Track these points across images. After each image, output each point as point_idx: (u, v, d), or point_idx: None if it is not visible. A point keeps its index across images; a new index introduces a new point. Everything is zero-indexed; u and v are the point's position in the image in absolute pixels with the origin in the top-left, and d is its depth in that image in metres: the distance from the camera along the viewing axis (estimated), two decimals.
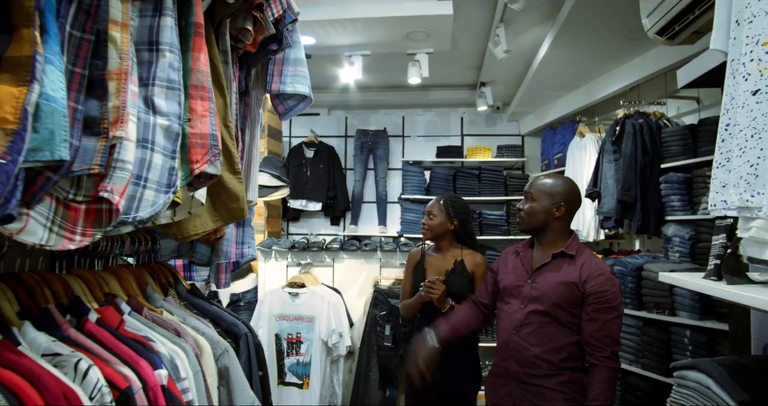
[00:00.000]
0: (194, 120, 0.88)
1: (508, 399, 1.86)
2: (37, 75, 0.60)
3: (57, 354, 0.76)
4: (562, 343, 1.79)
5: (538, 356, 1.81)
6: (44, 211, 0.68)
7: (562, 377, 1.78)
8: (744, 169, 0.91)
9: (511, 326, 1.89)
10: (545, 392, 1.79)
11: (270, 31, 1.12)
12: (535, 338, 1.82)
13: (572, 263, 1.82)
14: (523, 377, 1.83)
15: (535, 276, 1.87)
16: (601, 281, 1.75)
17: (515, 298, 1.91)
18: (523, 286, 1.89)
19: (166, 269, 1.24)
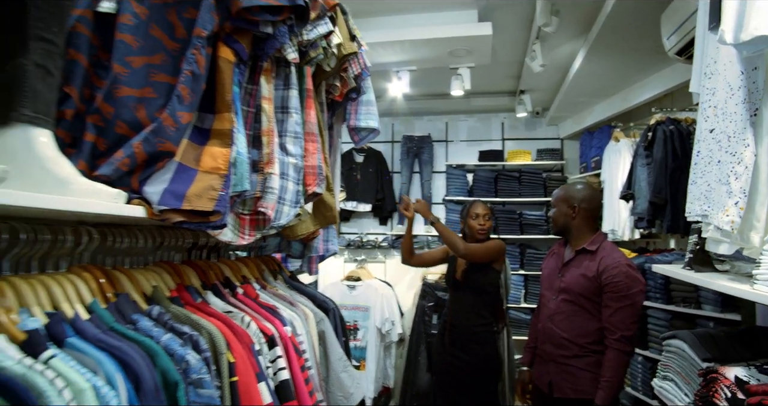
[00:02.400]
0: (308, 156, 1.29)
1: (546, 376, 2.17)
2: (234, 140, 1.02)
3: (229, 312, 1.18)
4: (588, 328, 2.06)
5: (567, 339, 2.10)
6: (230, 221, 1.09)
7: (590, 359, 2.05)
8: (704, 188, 1.25)
9: (547, 315, 2.20)
10: (575, 371, 2.07)
11: (351, 85, 1.52)
12: (566, 324, 2.11)
13: (593, 258, 2.09)
14: (557, 357, 2.12)
15: (564, 270, 2.17)
16: (615, 273, 2.00)
17: (549, 290, 2.23)
18: (555, 279, 2.20)
19: (272, 260, 1.66)
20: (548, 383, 2.14)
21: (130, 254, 1.10)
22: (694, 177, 1.31)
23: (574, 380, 2.05)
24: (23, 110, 0.85)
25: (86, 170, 0.94)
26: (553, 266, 2.26)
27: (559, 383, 2.09)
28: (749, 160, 1.04)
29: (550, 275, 2.26)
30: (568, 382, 2.06)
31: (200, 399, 0.85)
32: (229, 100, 1.02)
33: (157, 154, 0.95)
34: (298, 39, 1.19)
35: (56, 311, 0.81)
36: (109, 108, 0.98)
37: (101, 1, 1.04)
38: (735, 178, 1.06)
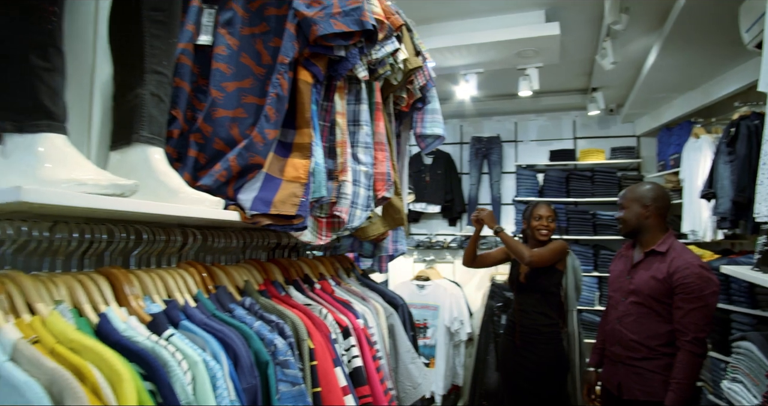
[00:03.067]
0: (377, 164, 1.40)
1: (615, 378, 2.17)
2: (313, 152, 1.15)
3: (309, 304, 1.32)
4: (658, 331, 2.03)
5: (637, 341, 2.08)
6: (310, 223, 1.23)
7: (660, 361, 2.03)
8: None
9: (616, 317, 2.19)
10: (645, 373, 2.05)
11: (417, 96, 1.63)
12: (635, 326, 2.10)
13: (663, 260, 2.06)
14: (626, 360, 2.11)
15: (633, 273, 2.16)
16: (687, 274, 1.96)
17: (618, 292, 2.22)
18: (623, 281, 2.19)
19: (346, 259, 1.80)
20: (617, 385, 2.13)
21: (225, 253, 1.27)
22: (762, 177, 1.31)
23: (643, 383, 2.04)
24: (142, 132, 1.02)
25: (190, 181, 1.11)
26: (622, 268, 2.25)
27: (628, 385, 2.08)
28: None
29: (618, 277, 2.25)
30: (638, 384, 2.05)
31: (286, 378, 0.99)
32: (308, 117, 1.16)
33: (248, 167, 1.10)
34: (367, 58, 1.31)
35: (171, 299, 0.98)
36: (208, 127, 1.15)
37: (200, 35, 1.21)
38: None
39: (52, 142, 0.81)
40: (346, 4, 1.16)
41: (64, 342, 0.69)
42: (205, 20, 1.22)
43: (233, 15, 1.21)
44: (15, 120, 0.80)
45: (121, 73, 1.06)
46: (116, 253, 0.95)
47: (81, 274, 0.85)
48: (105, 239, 0.90)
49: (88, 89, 1.14)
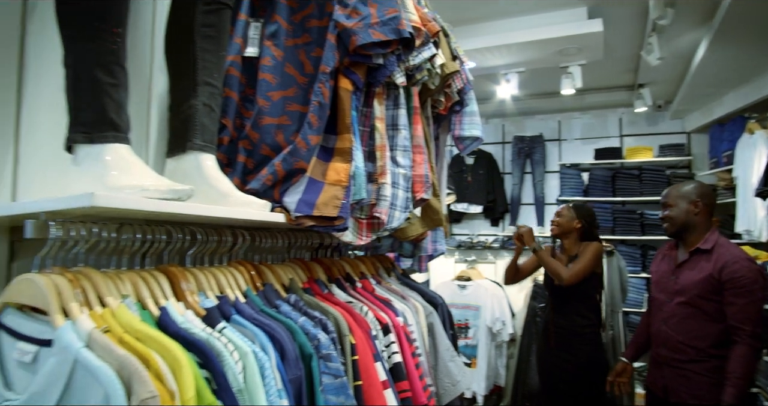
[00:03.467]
0: (415, 167, 1.45)
1: (660, 381, 2.15)
2: (353, 157, 1.21)
3: (350, 302, 1.37)
4: (707, 331, 2.00)
5: (684, 343, 2.04)
6: (351, 224, 1.29)
7: (708, 364, 1.99)
8: None
9: (661, 318, 2.15)
10: (693, 375, 2.02)
11: (455, 99, 1.66)
12: (682, 327, 2.06)
13: (709, 258, 2.03)
14: (672, 362, 2.08)
15: (678, 272, 2.13)
16: (736, 269, 1.94)
17: (662, 293, 2.18)
18: (668, 282, 2.16)
19: (386, 258, 1.85)
20: (663, 388, 2.11)
21: (272, 252, 1.34)
22: None
23: (691, 385, 2.02)
24: (195, 140, 1.10)
25: (239, 185, 1.18)
26: (666, 269, 2.22)
27: (675, 387, 2.06)
28: None
29: (662, 278, 2.22)
30: (685, 386, 2.03)
31: (329, 370, 1.04)
32: (349, 123, 1.21)
33: (293, 171, 1.17)
34: (405, 65, 1.35)
35: (223, 295, 1.05)
36: (255, 134, 1.22)
37: (247, 47, 1.29)
38: None
39: (117, 152, 0.89)
40: (384, 14, 1.20)
41: (131, 332, 0.77)
42: (251, 33, 1.29)
43: (278, 27, 1.28)
44: (85, 132, 0.89)
45: (175, 85, 1.15)
46: (174, 252, 1.03)
47: (143, 271, 0.93)
48: (164, 239, 0.98)
49: (146, 101, 1.23)
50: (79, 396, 0.68)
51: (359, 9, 1.20)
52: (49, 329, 0.74)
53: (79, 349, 0.70)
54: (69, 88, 0.91)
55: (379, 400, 1.16)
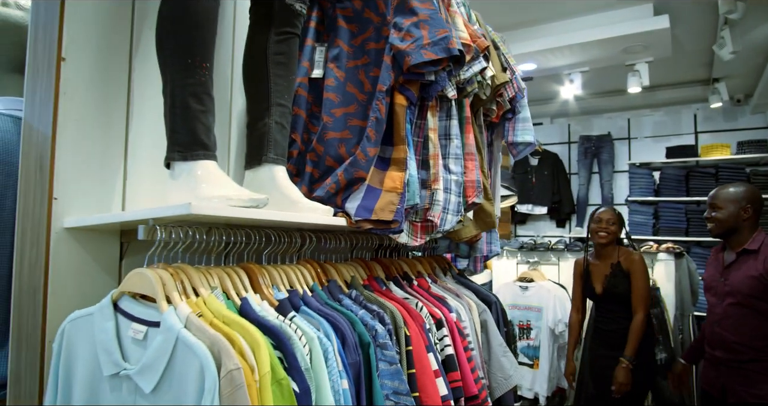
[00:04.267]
0: (467, 173, 1.55)
1: (718, 381, 2.18)
2: (408, 166, 1.33)
3: (406, 298, 1.50)
4: (764, 330, 2.02)
5: (740, 344, 2.07)
6: (406, 227, 1.41)
7: (765, 363, 2.01)
8: None
9: (713, 320, 2.19)
10: (753, 375, 2.03)
11: (507, 107, 1.75)
12: (736, 328, 2.09)
13: (756, 257, 2.07)
14: (730, 363, 2.11)
15: (726, 274, 2.17)
16: None
17: (713, 295, 2.23)
18: (717, 284, 2.20)
19: (443, 259, 1.96)
20: (721, 388, 2.14)
21: (335, 252, 1.49)
22: None
23: (751, 385, 2.03)
24: (269, 154, 1.26)
25: (306, 193, 1.34)
26: (714, 271, 2.26)
27: (734, 387, 2.08)
28: None
29: (712, 281, 2.26)
30: (745, 386, 2.04)
31: (385, 358, 1.17)
32: (403, 135, 1.34)
33: (353, 180, 1.31)
34: (456, 79, 1.46)
35: (293, 289, 1.20)
36: (320, 147, 1.37)
37: (313, 69, 1.44)
38: None
39: (206, 168, 1.06)
40: (435, 35, 1.32)
41: (219, 317, 0.93)
42: (317, 57, 1.45)
43: (340, 51, 1.43)
44: (180, 151, 1.07)
45: (252, 106, 1.32)
46: (252, 251, 1.20)
47: (227, 267, 1.10)
48: (244, 240, 1.15)
49: (227, 120, 1.42)
50: (180, 366, 0.85)
51: (412, 32, 1.32)
52: (156, 313, 0.92)
53: (180, 329, 0.87)
54: (167, 114, 1.09)
55: (430, 387, 1.27)
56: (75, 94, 1.11)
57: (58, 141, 1.09)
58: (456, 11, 1.48)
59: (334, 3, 1.48)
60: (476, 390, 1.46)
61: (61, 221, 1.08)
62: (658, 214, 5.22)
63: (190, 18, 1.08)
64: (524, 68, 4.22)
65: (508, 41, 4.03)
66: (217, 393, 0.81)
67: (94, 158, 1.14)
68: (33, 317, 1.07)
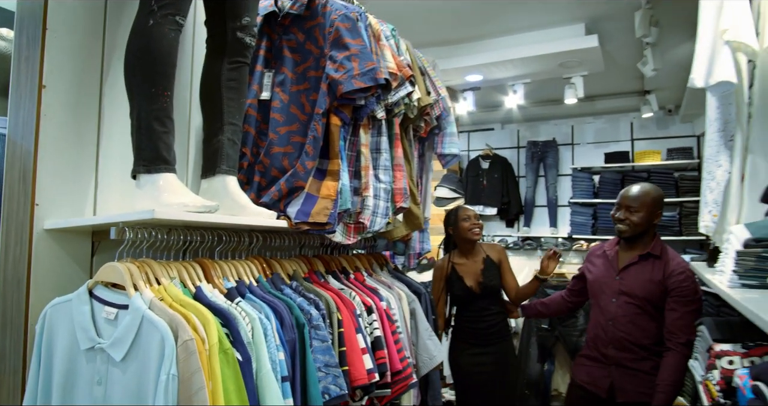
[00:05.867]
0: (396, 181, 1.81)
1: (605, 380, 2.15)
2: (341, 176, 1.58)
3: (342, 289, 1.75)
4: (651, 330, 2.07)
5: (632, 342, 2.09)
6: (340, 228, 1.66)
7: (653, 362, 2.06)
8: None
9: (606, 318, 2.17)
10: (641, 375, 2.07)
11: (433, 124, 2.02)
12: (630, 326, 2.10)
13: (658, 263, 2.09)
14: (622, 361, 2.12)
15: (623, 273, 2.15)
16: (682, 279, 2.02)
17: (605, 293, 2.20)
18: (611, 282, 2.19)
19: (381, 256, 2.22)
20: (609, 388, 2.13)
21: (280, 250, 1.72)
22: (704, 190, 1.59)
23: (639, 384, 2.07)
24: (222, 166, 1.49)
25: (254, 199, 1.57)
26: (607, 267, 2.23)
27: (623, 386, 2.10)
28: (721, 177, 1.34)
29: (604, 277, 2.23)
30: (633, 385, 2.08)
31: (318, 336, 1.42)
32: (338, 150, 1.59)
33: (294, 189, 1.55)
34: (384, 102, 1.72)
35: (240, 280, 1.44)
36: (267, 160, 1.61)
37: (262, 92, 1.68)
38: (710, 191, 1.35)
39: (167, 179, 1.28)
40: (364, 67, 1.57)
41: (177, 301, 1.16)
42: (265, 81, 1.68)
43: (285, 77, 1.67)
44: (145, 165, 1.29)
45: (207, 124, 1.54)
46: (205, 249, 1.43)
47: (185, 262, 1.33)
48: (199, 240, 1.38)
49: (186, 135, 1.64)
50: (145, 339, 1.07)
51: (345, 64, 1.57)
52: (125, 298, 1.14)
53: (145, 310, 1.09)
54: (134, 134, 1.31)
55: (358, 362, 1.53)
56: (54, 116, 1.32)
57: (39, 155, 1.29)
58: (385, 45, 1.74)
59: (280, 35, 1.72)
60: (401, 367, 1.72)
61: (42, 223, 1.29)
62: (596, 215, 5.62)
63: (154, 53, 1.30)
64: (472, 79, 4.53)
65: (457, 54, 4.33)
66: (174, 358, 1.04)
67: (70, 170, 1.35)
68: (17, 305, 1.27)
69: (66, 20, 1.36)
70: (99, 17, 1.44)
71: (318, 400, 1.35)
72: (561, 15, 3.82)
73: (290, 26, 1.70)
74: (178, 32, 1.33)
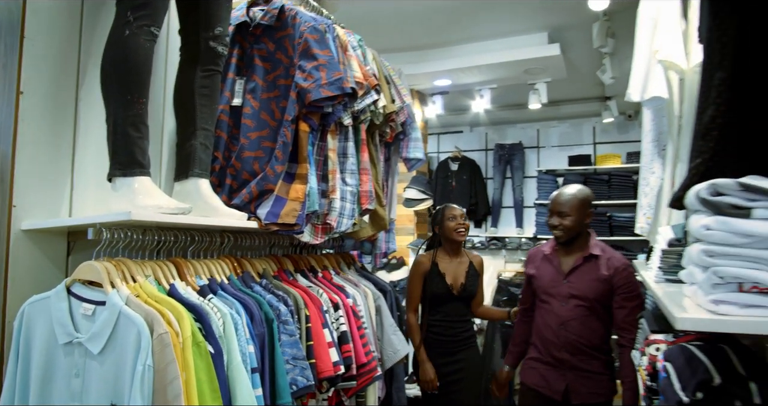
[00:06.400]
0: (362, 184, 1.91)
1: (560, 384, 2.15)
2: (309, 180, 1.67)
3: (310, 286, 1.83)
4: (600, 331, 2.12)
5: (585, 345, 2.12)
6: (308, 229, 1.75)
7: (603, 362, 2.13)
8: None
9: (558, 323, 2.16)
10: (595, 376, 2.12)
11: (398, 130, 2.13)
12: (581, 329, 2.12)
13: (600, 262, 2.13)
14: (576, 363, 2.13)
15: (570, 277, 2.17)
16: (626, 275, 2.08)
17: (554, 296, 2.19)
18: (559, 286, 2.18)
19: (349, 255, 2.31)
20: (563, 391, 2.14)
21: (251, 250, 1.80)
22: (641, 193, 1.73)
23: (593, 385, 2.11)
24: (195, 169, 1.56)
25: (226, 201, 1.65)
26: (553, 271, 2.23)
27: (578, 389, 2.12)
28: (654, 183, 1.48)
29: (552, 281, 2.22)
30: (587, 387, 2.11)
31: (286, 331, 1.51)
32: (306, 155, 1.68)
33: (264, 191, 1.63)
34: (351, 109, 1.81)
35: (212, 278, 1.51)
36: (238, 164, 1.69)
37: (234, 98, 1.75)
38: (644, 196, 1.49)
39: (142, 182, 1.35)
40: (331, 77, 1.66)
41: (152, 297, 1.23)
42: (237, 88, 1.76)
43: (256, 85, 1.75)
44: (121, 169, 1.35)
45: (181, 130, 1.61)
46: (179, 249, 1.50)
47: (159, 261, 1.40)
48: (172, 240, 1.45)
49: (159, 139, 1.70)
50: (122, 332, 1.15)
51: (313, 73, 1.66)
52: (102, 295, 1.21)
53: (122, 305, 1.16)
54: (110, 139, 1.37)
55: (324, 355, 1.62)
56: (31, 121, 1.37)
57: (17, 159, 1.35)
58: (352, 55, 1.83)
59: (251, 44, 1.80)
60: (366, 360, 1.82)
61: (20, 224, 1.34)
62: None
63: (130, 63, 1.36)
64: (440, 84, 4.66)
65: (427, 59, 4.45)
66: (150, 350, 1.11)
67: (46, 173, 1.41)
68: None
69: (43, 29, 1.41)
70: (75, 26, 1.49)
71: (286, 390, 1.44)
72: (525, 24, 3.98)
73: (261, 36, 1.78)
74: (153, 42, 1.40)
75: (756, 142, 0.82)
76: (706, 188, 0.77)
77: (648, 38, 1.49)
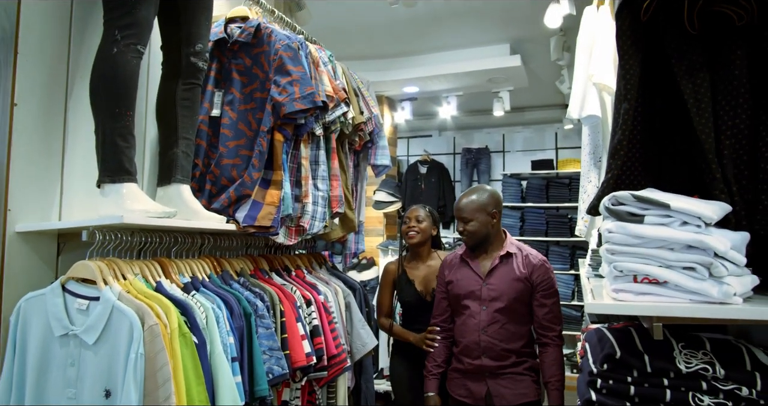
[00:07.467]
0: (333, 190, 2.06)
1: (480, 391, 2.11)
2: (283, 186, 1.82)
3: (284, 284, 1.98)
4: (521, 333, 2.10)
5: (506, 349, 2.07)
6: (282, 231, 1.90)
7: (526, 364, 2.11)
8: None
9: (478, 327, 2.09)
10: (516, 377, 2.09)
11: (366, 139, 2.29)
12: (502, 333, 2.08)
13: (516, 260, 2.12)
14: (496, 369, 2.08)
15: (489, 279, 2.12)
16: (544, 271, 2.09)
17: (473, 301, 2.13)
18: (478, 290, 2.13)
19: (321, 255, 2.46)
20: (486, 397, 2.11)
21: (229, 250, 1.94)
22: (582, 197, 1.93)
23: (515, 387, 2.09)
24: (177, 176, 1.69)
25: (206, 205, 1.78)
26: (471, 276, 2.18)
27: (500, 393, 2.08)
28: (591, 190, 1.67)
29: (471, 286, 2.16)
30: (509, 389, 2.08)
31: (263, 325, 1.65)
32: (280, 163, 1.82)
33: (242, 196, 1.77)
34: (322, 120, 1.96)
35: (194, 276, 1.64)
36: (217, 170, 1.82)
37: (213, 109, 1.89)
38: (582, 202, 1.69)
39: (129, 188, 1.48)
40: (304, 91, 1.81)
41: (141, 293, 1.36)
42: (215, 100, 1.89)
43: (233, 97, 1.89)
44: (109, 176, 1.48)
45: (163, 138, 1.73)
46: (163, 249, 1.63)
47: (146, 261, 1.53)
48: (158, 241, 1.58)
49: (142, 148, 1.82)
50: (116, 325, 1.27)
51: (287, 88, 1.80)
52: (95, 291, 1.33)
53: (114, 300, 1.29)
54: (99, 148, 1.49)
55: (298, 347, 1.77)
56: (24, 131, 1.48)
57: (11, 165, 1.45)
58: (323, 70, 1.99)
59: (229, 58, 1.93)
60: (336, 352, 1.98)
61: (14, 226, 1.45)
62: (524, 217, 6.08)
63: (118, 79, 1.48)
64: (408, 90, 4.85)
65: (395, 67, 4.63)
66: (142, 340, 1.25)
67: (38, 180, 1.52)
68: None
69: (35, 46, 1.52)
70: (64, 43, 1.61)
71: (263, 378, 1.58)
72: (488, 36, 4.19)
73: (239, 51, 1.92)
74: (139, 59, 1.53)
75: (654, 162, 1.00)
76: (608, 199, 0.95)
77: (585, 63, 1.69)
